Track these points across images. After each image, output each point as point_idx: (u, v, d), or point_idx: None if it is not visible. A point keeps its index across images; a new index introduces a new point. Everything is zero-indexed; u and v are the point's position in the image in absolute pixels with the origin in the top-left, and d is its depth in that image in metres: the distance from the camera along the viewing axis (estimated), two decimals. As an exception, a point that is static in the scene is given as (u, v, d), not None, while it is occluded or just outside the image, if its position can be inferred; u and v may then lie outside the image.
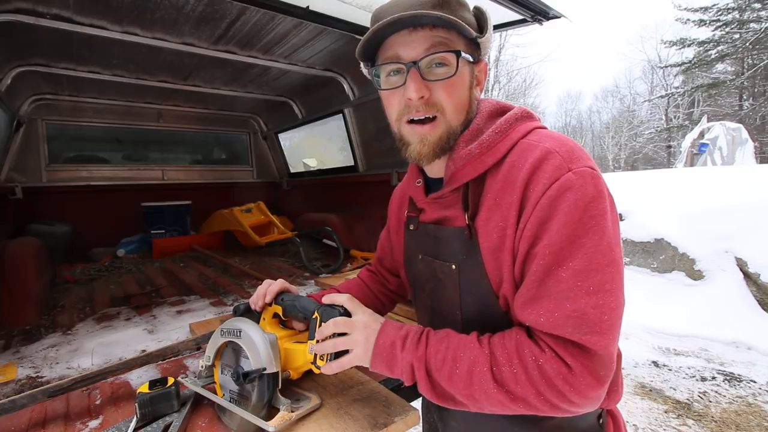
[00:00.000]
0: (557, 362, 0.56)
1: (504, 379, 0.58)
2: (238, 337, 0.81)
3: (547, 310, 0.56)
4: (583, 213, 0.56)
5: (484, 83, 0.72)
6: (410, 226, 0.83)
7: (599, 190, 0.58)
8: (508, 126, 0.66)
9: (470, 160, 0.66)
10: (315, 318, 0.76)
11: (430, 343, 0.65)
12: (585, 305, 0.54)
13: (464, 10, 0.66)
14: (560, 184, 0.57)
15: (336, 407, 0.85)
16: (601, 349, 0.55)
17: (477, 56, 0.69)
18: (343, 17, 1.81)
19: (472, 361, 0.60)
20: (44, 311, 1.90)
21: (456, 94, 0.66)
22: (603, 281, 0.55)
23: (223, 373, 0.86)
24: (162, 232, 3.55)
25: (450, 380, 0.62)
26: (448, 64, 0.64)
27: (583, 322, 0.54)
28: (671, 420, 2.49)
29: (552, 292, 0.56)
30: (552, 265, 0.57)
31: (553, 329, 0.56)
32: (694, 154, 10.31)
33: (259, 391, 0.77)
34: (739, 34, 17.15)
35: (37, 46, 2.17)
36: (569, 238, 0.56)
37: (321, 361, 0.73)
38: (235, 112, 4.09)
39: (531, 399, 0.57)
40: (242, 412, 0.77)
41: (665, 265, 4.33)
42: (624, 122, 28.20)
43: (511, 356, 0.58)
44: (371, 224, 2.80)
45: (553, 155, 0.59)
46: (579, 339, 0.54)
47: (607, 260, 0.56)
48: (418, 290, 0.84)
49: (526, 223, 0.59)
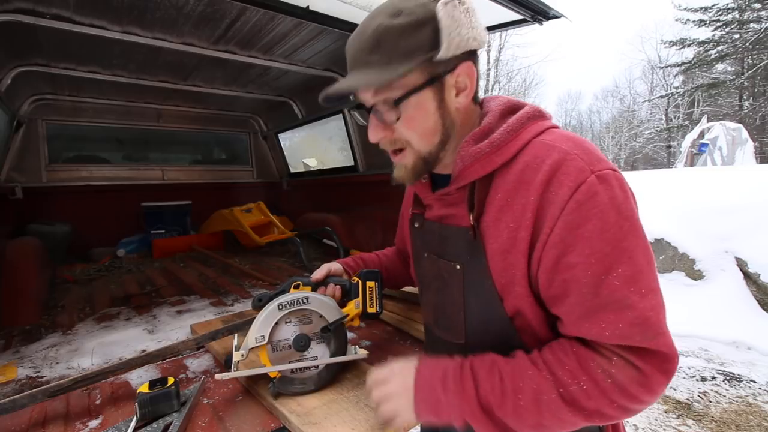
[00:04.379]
0: (629, 369, 0.55)
1: (575, 398, 0.55)
2: (305, 304, 0.91)
3: (609, 322, 0.55)
4: (617, 216, 0.55)
5: (473, 83, 0.66)
6: (415, 223, 0.82)
7: (624, 190, 0.57)
8: (520, 125, 0.64)
9: (479, 158, 0.64)
10: (356, 282, 0.98)
11: (479, 378, 0.61)
12: (644, 309, 0.54)
13: (405, 38, 0.59)
14: (587, 188, 0.55)
15: (355, 400, 0.87)
16: (669, 347, 0.55)
17: (443, 69, 0.62)
18: (343, 17, 1.81)
19: (535, 389, 0.57)
20: (44, 311, 1.90)
21: (418, 126, 0.65)
22: (650, 281, 0.55)
23: (276, 350, 0.90)
24: (162, 232, 3.55)
25: (516, 414, 0.58)
26: (395, 108, 0.64)
27: (647, 328, 0.54)
28: (671, 420, 2.49)
29: (609, 302, 0.55)
30: (601, 273, 0.55)
31: (622, 340, 0.55)
32: (694, 154, 10.31)
33: (340, 336, 0.95)
34: (739, 34, 17.15)
35: (37, 46, 2.17)
36: (611, 243, 0.55)
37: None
38: (235, 112, 4.09)
39: (605, 409, 0.55)
40: (339, 359, 0.93)
41: (665, 265, 4.33)
42: (624, 122, 28.19)
43: (576, 373, 0.56)
44: (371, 224, 2.80)
45: (572, 156, 0.58)
46: (648, 345, 0.54)
47: (647, 259, 0.56)
48: (425, 288, 0.84)
49: (552, 228, 0.57)
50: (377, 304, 1.00)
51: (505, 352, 0.64)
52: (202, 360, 1.18)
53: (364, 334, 1.34)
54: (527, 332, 0.65)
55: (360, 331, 1.36)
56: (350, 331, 1.32)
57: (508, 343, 0.66)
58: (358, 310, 0.99)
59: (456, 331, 0.74)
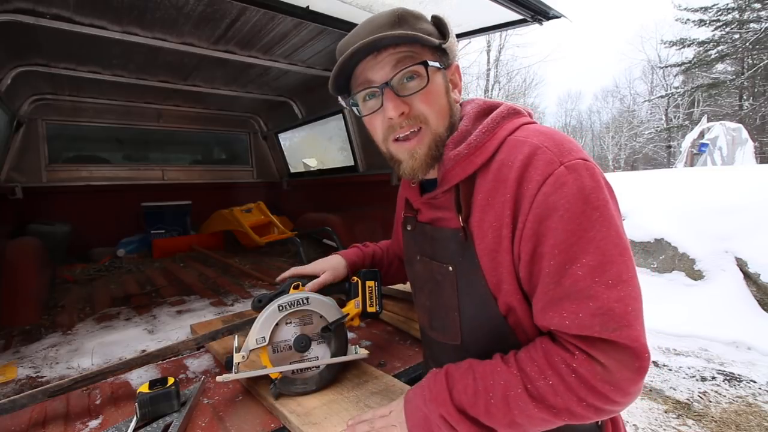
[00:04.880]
0: (590, 363, 0.53)
1: (541, 394, 0.55)
2: (305, 304, 0.91)
3: (570, 312, 0.54)
4: (585, 205, 0.55)
5: (461, 85, 0.74)
6: (408, 226, 0.83)
7: (596, 180, 0.57)
8: (495, 124, 0.66)
9: (459, 161, 0.66)
10: (356, 282, 1.00)
11: (454, 380, 0.62)
12: (608, 300, 0.53)
13: (422, 22, 0.68)
14: (554, 179, 0.56)
15: (355, 400, 0.87)
16: (633, 341, 0.52)
17: (446, 62, 0.70)
18: (343, 17, 1.81)
19: (504, 385, 0.57)
20: (44, 311, 1.90)
21: (435, 102, 0.67)
22: (619, 272, 0.54)
23: (277, 351, 0.89)
24: (162, 232, 3.55)
25: (488, 413, 0.58)
26: (420, 75, 0.66)
27: (609, 318, 0.52)
28: (671, 420, 2.49)
29: (571, 292, 0.55)
30: (565, 263, 0.55)
31: (581, 330, 0.54)
32: (694, 154, 10.31)
33: (340, 336, 0.95)
34: (739, 34, 17.14)
35: (37, 46, 2.17)
36: (576, 233, 0.55)
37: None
38: (235, 112, 4.09)
39: (573, 407, 0.54)
40: (339, 359, 0.93)
41: (665, 265, 4.33)
42: (624, 122, 28.18)
43: (542, 368, 0.56)
44: (371, 224, 2.80)
45: (542, 150, 0.59)
46: (609, 336, 0.52)
47: (619, 250, 0.55)
48: (418, 290, 0.84)
49: (525, 222, 0.58)
50: (377, 303, 1.01)
51: (501, 351, 0.64)
52: (202, 360, 1.18)
53: (364, 334, 1.34)
54: (521, 329, 0.65)
55: (360, 331, 1.36)
56: (350, 331, 1.32)
57: (504, 342, 0.65)
58: (358, 310, 1.00)
59: (451, 332, 0.74)
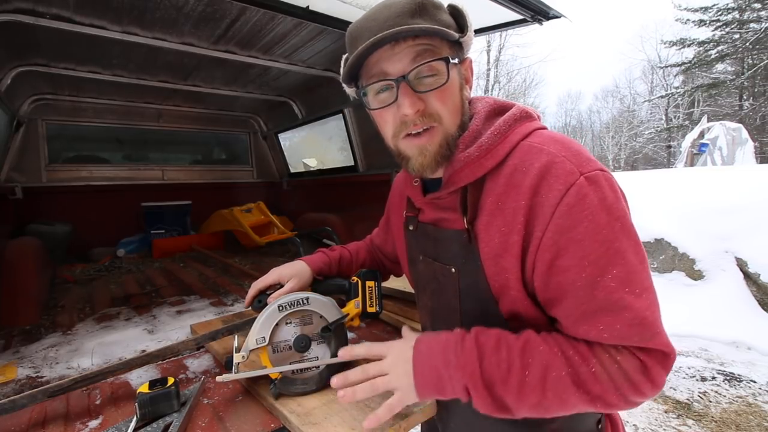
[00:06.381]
0: (634, 359, 0.56)
1: (583, 380, 0.56)
2: (305, 304, 0.90)
3: (606, 324, 0.55)
4: (608, 217, 0.55)
5: (472, 79, 0.72)
6: (410, 226, 0.82)
7: (615, 190, 0.58)
8: (507, 127, 0.64)
9: (468, 163, 0.64)
10: (356, 282, 0.99)
11: (484, 352, 0.59)
12: (640, 309, 0.54)
13: (442, 13, 0.64)
14: (576, 190, 0.56)
15: (356, 401, 0.86)
16: (665, 347, 0.56)
17: (461, 56, 0.67)
18: (343, 17, 1.81)
19: (545, 366, 0.56)
20: (44, 311, 1.90)
21: (450, 100, 0.65)
22: (643, 280, 0.56)
23: (277, 351, 0.89)
24: (162, 232, 3.55)
25: (519, 391, 0.56)
26: (437, 72, 0.63)
27: (644, 328, 0.54)
28: (671, 420, 2.49)
29: (606, 305, 0.55)
30: (595, 275, 0.55)
31: (620, 341, 0.56)
32: (694, 154, 10.31)
33: (340, 336, 0.93)
34: (739, 34, 17.15)
35: (37, 46, 2.17)
36: (604, 245, 0.55)
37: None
38: (235, 112, 4.09)
39: (608, 396, 0.56)
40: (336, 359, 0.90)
41: (665, 265, 4.33)
42: (624, 122, 28.18)
43: (586, 356, 0.56)
44: (371, 224, 2.77)
45: (561, 159, 0.58)
46: (646, 345, 0.55)
47: (639, 258, 0.56)
48: (420, 291, 0.84)
49: (544, 232, 0.57)
50: (377, 303, 1.00)
51: None
52: (202, 360, 1.18)
53: (364, 334, 1.34)
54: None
55: (360, 331, 1.36)
56: (350, 331, 1.32)
57: None
58: (358, 310, 0.99)
59: None
